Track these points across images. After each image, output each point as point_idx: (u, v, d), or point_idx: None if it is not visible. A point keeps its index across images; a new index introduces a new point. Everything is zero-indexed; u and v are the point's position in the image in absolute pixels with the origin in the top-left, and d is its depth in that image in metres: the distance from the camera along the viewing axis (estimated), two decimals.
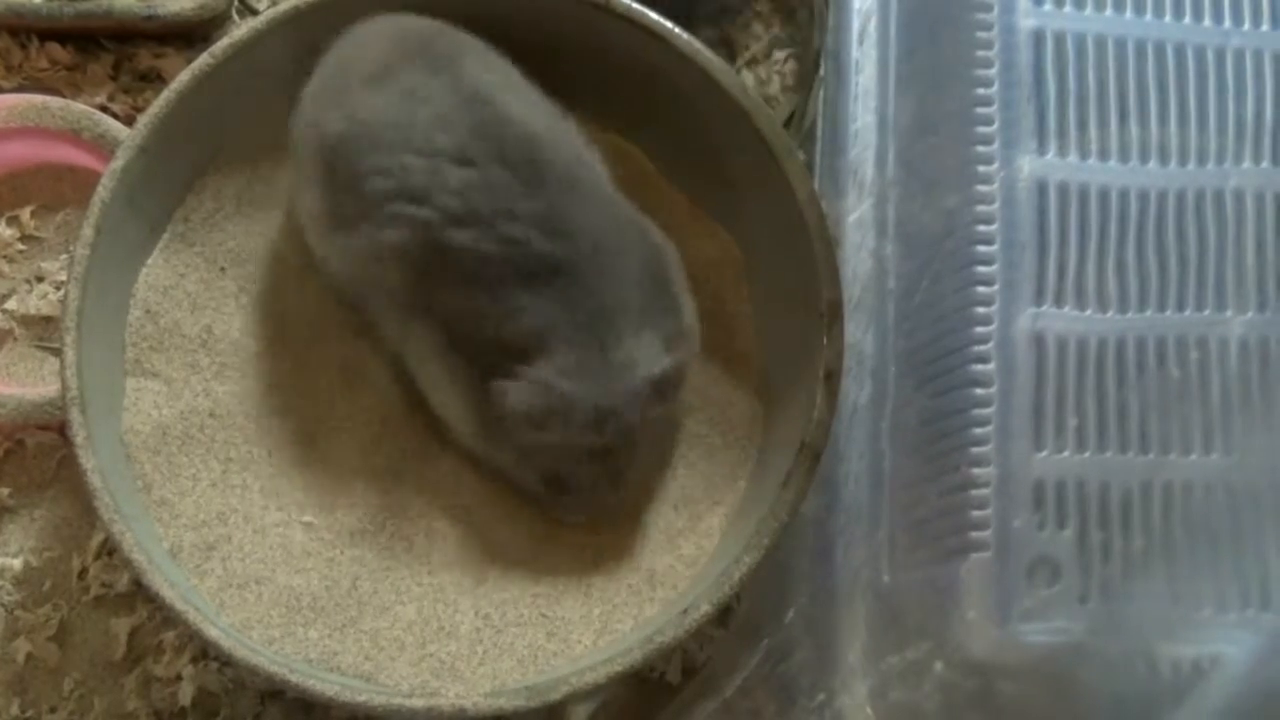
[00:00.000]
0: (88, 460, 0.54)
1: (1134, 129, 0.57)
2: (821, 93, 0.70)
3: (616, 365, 0.54)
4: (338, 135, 0.56)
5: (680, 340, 0.57)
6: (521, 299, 0.54)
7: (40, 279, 0.68)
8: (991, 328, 0.55)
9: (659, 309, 0.57)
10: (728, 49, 0.74)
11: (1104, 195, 0.56)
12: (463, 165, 0.54)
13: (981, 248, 0.56)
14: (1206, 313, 0.55)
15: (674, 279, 0.58)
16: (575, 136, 0.58)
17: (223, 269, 0.62)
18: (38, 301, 0.67)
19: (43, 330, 0.67)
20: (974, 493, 0.53)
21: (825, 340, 0.57)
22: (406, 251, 0.55)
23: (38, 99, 0.65)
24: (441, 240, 0.54)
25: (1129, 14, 0.58)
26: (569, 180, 0.55)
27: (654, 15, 0.60)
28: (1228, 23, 0.58)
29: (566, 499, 0.58)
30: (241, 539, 0.58)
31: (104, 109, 0.68)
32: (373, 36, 0.58)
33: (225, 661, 0.57)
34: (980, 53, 0.58)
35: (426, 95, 0.55)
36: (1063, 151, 0.57)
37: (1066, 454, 0.54)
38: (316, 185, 0.58)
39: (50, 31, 0.70)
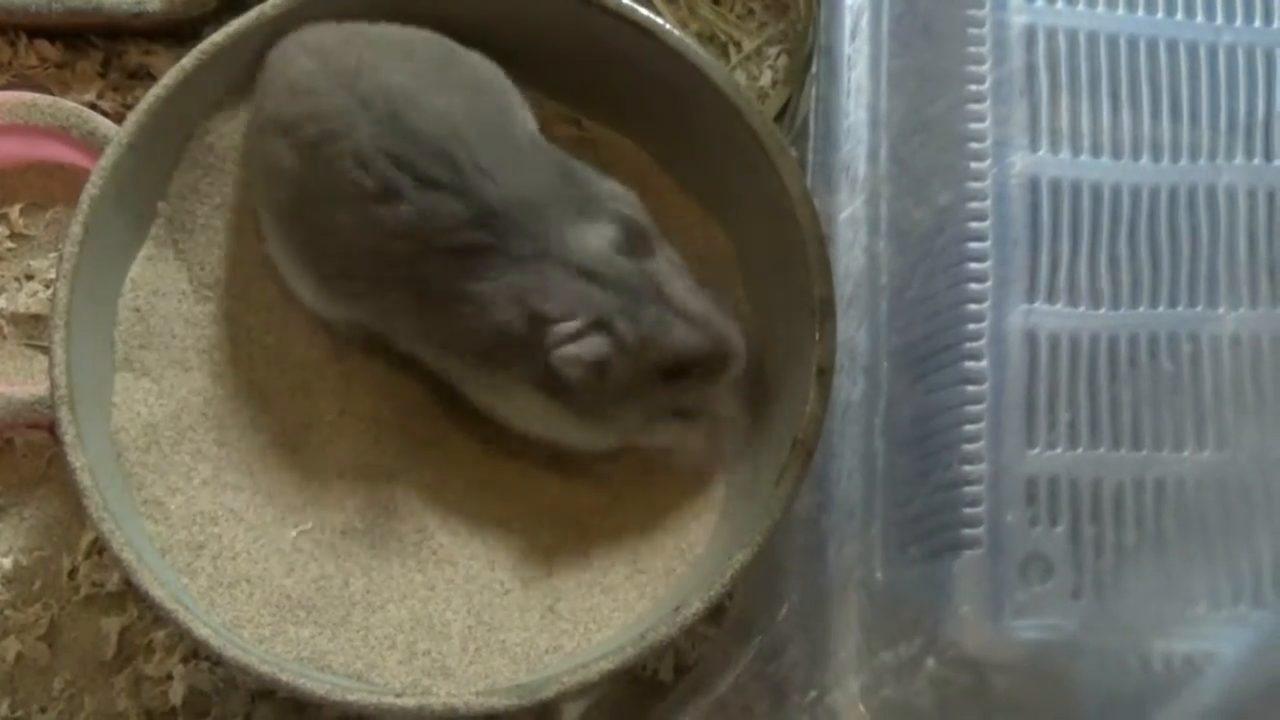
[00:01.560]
0: (77, 459, 0.54)
1: (1126, 125, 0.57)
2: (814, 89, 0.70)
3: (590, 266, 0.55)
4: (275, 203, 0.57)
5: (615, 207, 0.57)
6: (492, 289, 0.55)
7: (29, 277, 0.67)
8: (984, 324, 0.55)
9: (587, 204, 0.57)
10: (720, 46, 0.74)
11: (1096, 191, 0.56)
12: (396, 200, 0.54)
13: (974, 244, 0.56)
14: (1198, 309, 0.55)
15: (587, 174, 0.59)
16: (492, 96, 0.58)
17: (212, 268, 0.61)
18: (27, 300, 0.67)
19: (32, 328, 0.67)
20: (966, 489, 0.53)
21: (818, 337, 0.57)
22: (396, 302, 0.56)
23: (26, 96, 0.65)
24: (417, 283, 0.55)
25: (1121, 10, 0.58)
26: (492, 164, 0.55)
27: (644, 11, 0.60)
28: (1219, 19, 0.58)
29: (698, 390, 0.57)
30: (232, 538, 0.58)
31: (93, 106, 0.68)
32: (281, 59, 0.58)
33: (216, 661, 0.57)
34: (972, 49, 0.58)
35: (334, 131, 0.55)
36: (1055, 148, 0.57)
37: (1059, 450, 0.54)
38: (286, 252, 0.59)
39: (39, 28, 0.70)
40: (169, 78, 0.58)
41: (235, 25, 0.59)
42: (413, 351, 0.59)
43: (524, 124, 0.58)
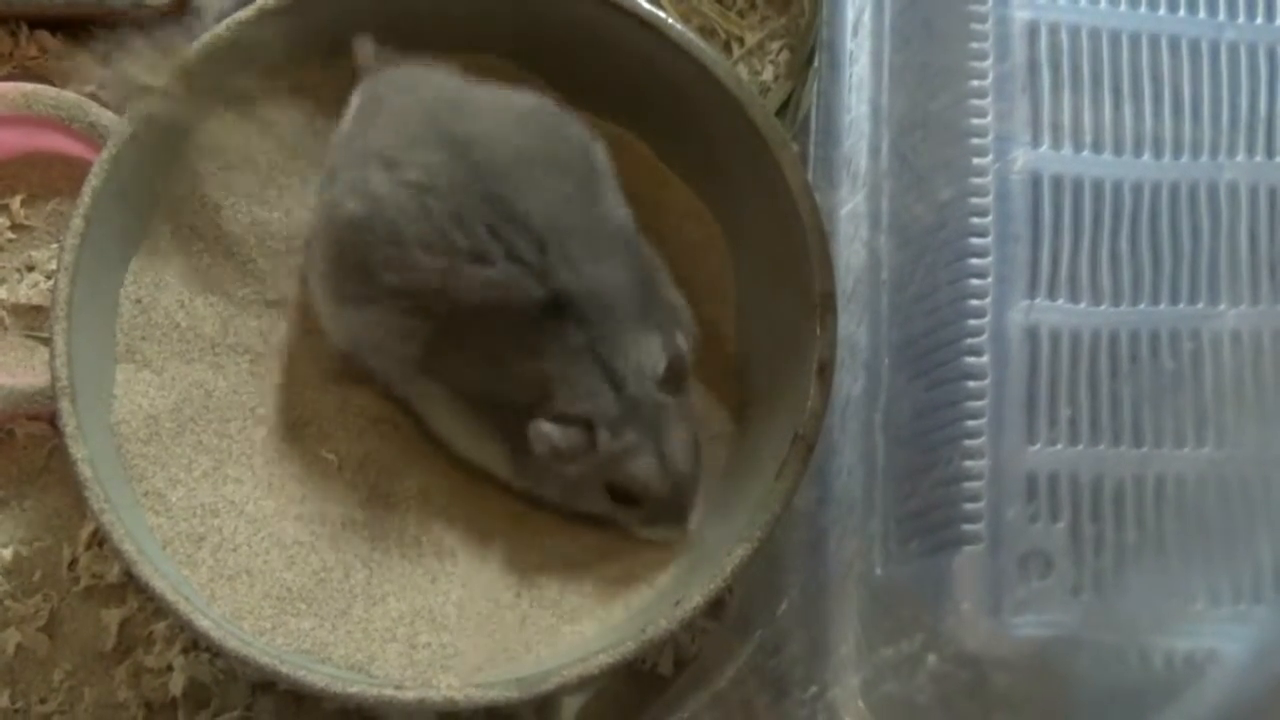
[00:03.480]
0: (78, 450, 0.54)
1: (1128, 121, 0.57)
2: (815, 84, 0.70)
3: (623, 377, 0.56)
4: (353, 219, 0.56)
5: (673, 328, 0.58)
6: (526, 360, 0.56)
7: (30, 268, 0.67)
8: (985, 320, 0.55)
9: (651, 309, 0.58)
10: (722, 41, 0.73)
11: (1098, 188, 0.56)
12: (479, 263, 0.55)
13: (975, 240, 0.56)
14: (1200, 306, 0.55)
15: (660, 280, 0.60)
16: (595, 181, 0.58)
17: (213, 260, 0.61)
18: (28, 291, 0.67)
19: (33, 320, 0.67)
20: (967, 485, 0.53)
21: (818, 332, 0.57)
22: (414, 333, 0.56)
23: (27, 87, 0.65)
24: (451, 325, 0.56)
25: (1123, 6, 0.58)
26: (580, 253, 0.56)
27: (647, 6, 0.60)
28: (1222, 15, 0.58)
29: (640, 512, 0.58)
30: (233, 530, 0.58)
31: (94, 98, 0.68)
32: (392, 99, 0.58)
33: (216, 653, 0.57)
34: (974, 44, 0.58)
35: (441, 186, 0.55)
36: (1057, 144, 0.56)
37: (1059, 447, 0.54)
38: (325, 260, 0.58)
39: (40, 19, 0.70)
40: (173, 69, 0.58)
41: (237, 18, 0.59)
42: (384, 375, 0.60)
43: (615, 210, 0.59)
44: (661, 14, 0.60)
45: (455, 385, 0.58)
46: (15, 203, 0.68)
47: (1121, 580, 0.52)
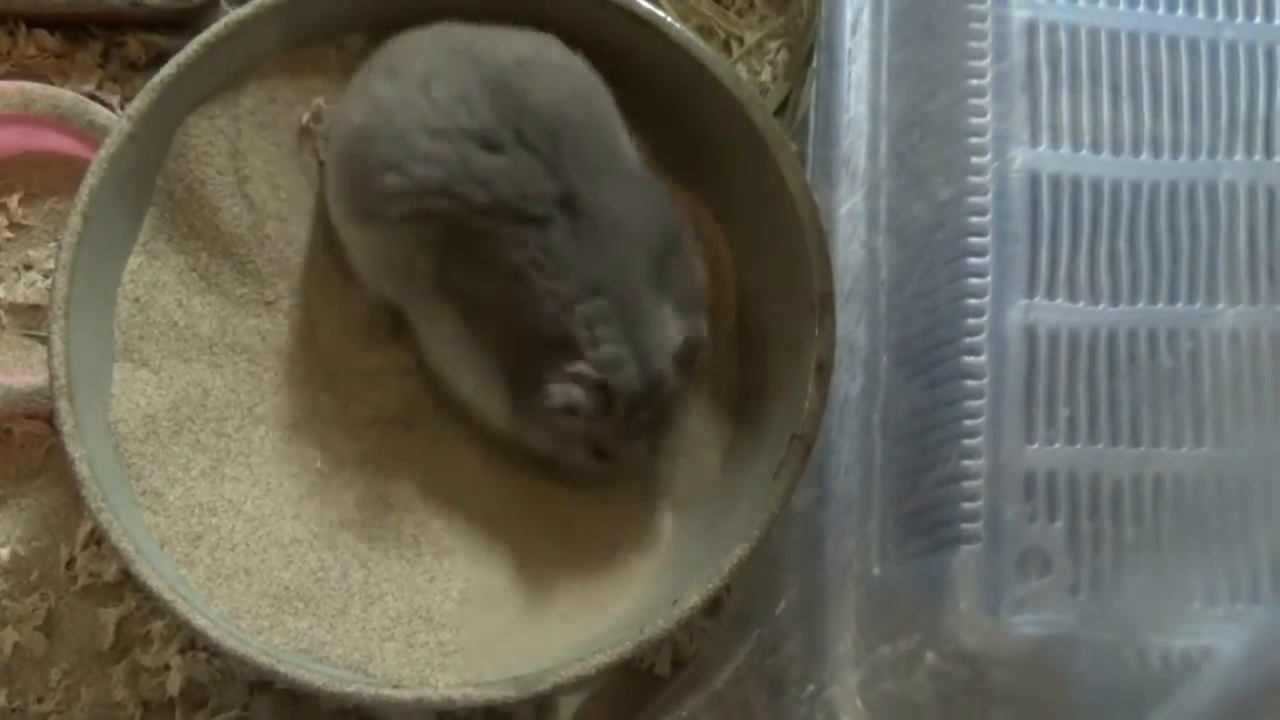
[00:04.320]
0: (76, 449, 0.54)
1: (1126, 121, 0.57)
2: (814, 84, 0.70)
3: (646, 349, 0.55)
4: (357, 125, 0.56)
5: (694, 309, 0.57)
6: (545, 286, 0.54)
7: (28, 267, 0.67)
8: (983, 319, 0.55)
9: (674, 281, 0.57)
10: (721, 41, 0.73)
11: (1096, 187, 0.56)
12: (489, 150, 0.54)
13: (974, 239, 0.56)
14: (1198, 305, 0.55)
15: (686, 249, 0.59)
16: (605, 113, 0.58)
17: (211, 259, 0.61)
18: (25, 290, 0.67)
19: (31, 319, 0.67)
20: (965, 484, 0.53)
21: (817, 331, 0.57)
22: (426, 240, 0.55)
23: (26, 86, 0.65)
24: (464, 227, 0.55)
25: (1122, 6, 0.58)
26: (594, 162, 0.55)
27: (646, 5, 0.60)
28: (1220, 15, 0.58)
29: (606, 465, 0.58)
30: (231, 529, 0.58)
31: (93, 97, 0.68)
32: (402, 41, 0.59)
33: (214, 652, 0.57)
34: (973, 44, 0.58)
35: (445, 71, 0.55)
36: (1055, 143, 0.56)
37: (1058, 446, 0.54)
38: (335, 176, 0.59)
39: (39, 18, 0.70)
40: (169, 68, 0.58)
41: (235, 16, 0.59)
42: (394, 295, 0.59)
43: (629, 147, 0.58)
44: (660, 13, 0.60)
45: (466, 307, 0.56)
46: (13, 201, 0.68)
47: (1119, 579, 0.52)
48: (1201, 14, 0.58)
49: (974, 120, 0.57)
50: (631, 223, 0.55)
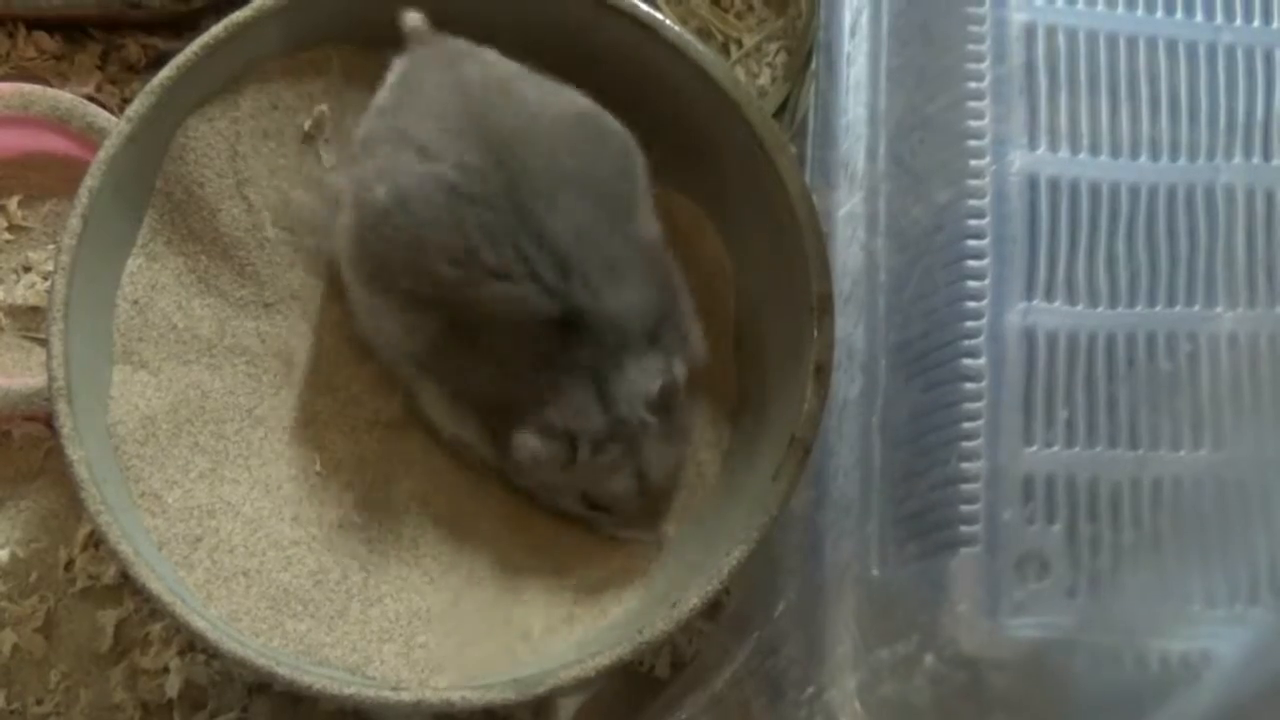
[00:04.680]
0: (74, 451, 0.54)
1: (1125, 124, 0.57)
2: (813, 86, 0.70)
3: (615, 398, 0.56)
4: (381, 209, 0.55)
5: (679, 356, 0.57)
6: (528, 369, 0.56)
7: (27, 269, 0.67)
8: (982, 322, 0.55)
9: (663, 332, 0.57)
10: (720, 44, 0.74)
11: (1095, 190, 0.56)
12: (499, 280, 0.55)
13: (972, 242, 0.56)
14: (1197, 308, 0.55)
15: (680, 301, 0.60)
16: (628, 197, 0.58)
17: (211, 262, 0.61)
18: (25, 292, 0.67)
19: (30, 321, 0.67)
20: (964, 487, 0.53)
21: (815, 334, 0.57)
22: (420, 329, 0.56)
23: (25, 88, 0.65)
24: (460, 328, 0.56)
25: (1121, 9, 0.58)
26: (600, 277, 0.55)
27: (644, 7, 0.60)
28: (1219, 18, 0.58)
29: (612, 518, 0.59)
30: (229, 531, 0.58)
31: (92, 99, 0.68)
32: (431, 80, 0.57)
33: (212, 654, 0.57)
34: (972, 47, 0.58)
35: (473, 193, 0.55)
36: (1054, 146, 0.56)
37: (1056, 449, 0.54)
38: (349, 240, 0.58)
39: (38, 20, 0.70)
40: (169, 70, 0.58)
41: (235, 18, 0.59)
42: (397, 367, 0.60)
43: (646, 228, 0.58)
44: (659, 15, 0.60)
45: (454, 386, 0.58)
46: (12, 204, 0.68)
47: (1118, 582, 0.52)
48: (1200, 17, 0.58)
49: (973, 123, 0.57)
50: (625, 312, 0.56)
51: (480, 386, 0.57)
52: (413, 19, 0.59)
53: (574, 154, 0.57)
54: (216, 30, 0.59)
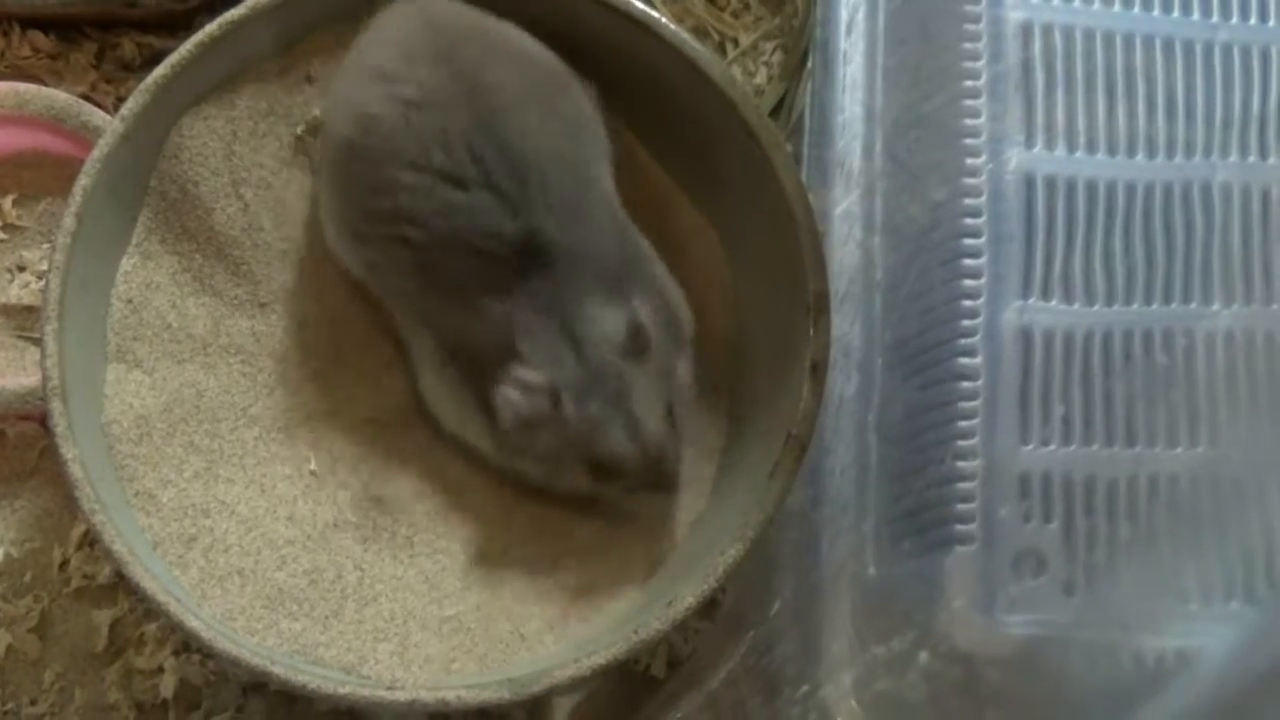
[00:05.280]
0: (69, 451, 0.54)
1: (1121, 122, 0.57)
2: (809, 84, 0.70)
3: (584, 341, 0.55)
4: (345, 141, 0.56)
5: (642, 302, 0.57)
6: (503, 313, 0.55)
7: (22, 268, 0.67)
8: (978, 320, 0.55)
9: (633, 291, 0.57)
10: (716, 43, 0.74)
11: (1091, 188, 0.56)
12: (455, 186, 0.55)
13: (968, 240, 0.56)
14: (1193, 306, 0.55)
15: (656, 275, 0.59)
16: (584, 146, 0.58)
17: (205, 261, 0.61)
18: (19, 291, 0.67)
19: (24, 320, 0.66)
20: (960, 485, 0.53)
21: (812, 332, 0.57)
22: (404, 264, 0.56)
23: (20, 86, 0.65)
24: (427, 258, 0.56)
25: (1117, 7, 0.58)
26: (559, 202, 0.56)
27: (640, 6, 0.60)
28: (1215, 16, 0.58)
29: (619, 485, 0.57)
30: (224, 531, 0.57)
31: (87, 98, 0.68)
32: (400, 20, 0.58)
33: (207, 654, 0.56)
34: (968, 45, 0.58)
35: (433, 103, 0.55)
36: (1050, 144, 0.56)
37: (1052, 447, 0.54)
38: (327, 191, 0.59)
39: (33, 19, 0.70)
40: (163, 69, 0.58)
41: (229, 16, 0.59)
42: (392, 312, 0.60)
43: (603, 178, 0.59)
44: (655, 14, 0.60)
45: (436, 330, 0.58)
46: (7, 203, 0.68)
47: (1114, 579, 0.52)
48: (1196, 15, 0.58)
49: (969, 121, 0.57)
50: (585, 251, 0.56)
51: (453, 328, 0.57)
52: None
53: (538, 88, 0.57)
54: (211, 28, 0.59)
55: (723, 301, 0.63)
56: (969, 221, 0.56)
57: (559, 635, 0.57)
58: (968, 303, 0.55)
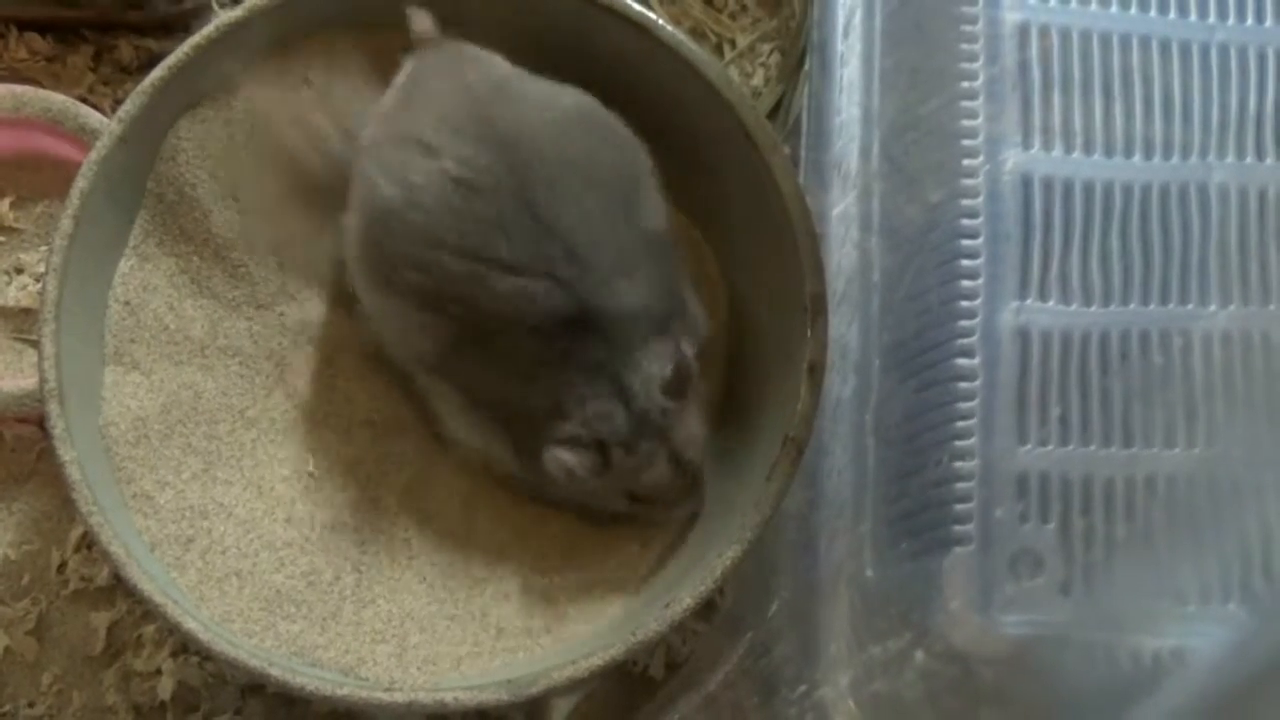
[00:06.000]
0: (66, 453, 0.54)
1: (1118, 123, 0.57)
2: (806, 86, 0.70)
3: (634, 392, 0.55)
4: (388, 207, 0.55)
5: (684, 336, 0.57)
6: (544, 370, 0.55)
7: (19, 271, 0.67)
8: (975, 321, 0.55)
9: (671, 319, 0.57)
10: (714, 45, 0.74)
11: (1088, 189, 0.56)
12: (511, 273, 0.54)
13: (966, 241, 0.56)
14: (1189, 306, 0.55)
15: (684, 286, 0.59)
16: (633, 189, 0.58)
17: (203, 263, 0.61)
18: (17, 293, 0.67)
19: (21, 322, 0.66)
20: (957, 486, 0.53)
21: (809, 334, 0.57)
22: (432, 330, 0.56)
23: (17, 89, 0.65)
24: (472, 328, 0.55)
25: (1114, 8, 0.58)
26: (612, 270, 0.55)
27: (638, 7, 0.60)
28: (1212, 18, 0.58)
29: (657, 505, 0.58)
30: (222, 532, 0.57)
31: (84, 100, 0.68)
32: (434, 81, 0.57)
33: (205, 655, 0.56)
34: (965, 46, 0.58)
35: (481, 184, 0.54)
36: (1047, 145, 0.57)
37: (1049, 447, 0.54)
38: (358, 241, 0.57)
39: (30, 22, 0.70)
40: (161, 71, 0.58)
41: (227, 19, 0.59)
42: (411, 373, 0.60)
43: (653, 216, 0.58)
44: (652, 15, 0.60)
45: (467, 388, 0.57)
46: (4, 205, 0.68)
47: (1111, 579, 0.52)
48: (1193, 16, 0.58)
49: (966, 123, 0.57)
50: (637, 308, 0.56)
51: (494, 390, 0.57)
52: (421, 21, 0.59)
53: (576, 146, 0.56)
54: (208, 31, 0.59)
55: (716, 312, 0.63)
56: (966, 222, 0.56)
57: (557, 636, 0.57)
58: (965, 303, 0.55)
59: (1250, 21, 0.58)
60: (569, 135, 0.57)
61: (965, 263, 0.56)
